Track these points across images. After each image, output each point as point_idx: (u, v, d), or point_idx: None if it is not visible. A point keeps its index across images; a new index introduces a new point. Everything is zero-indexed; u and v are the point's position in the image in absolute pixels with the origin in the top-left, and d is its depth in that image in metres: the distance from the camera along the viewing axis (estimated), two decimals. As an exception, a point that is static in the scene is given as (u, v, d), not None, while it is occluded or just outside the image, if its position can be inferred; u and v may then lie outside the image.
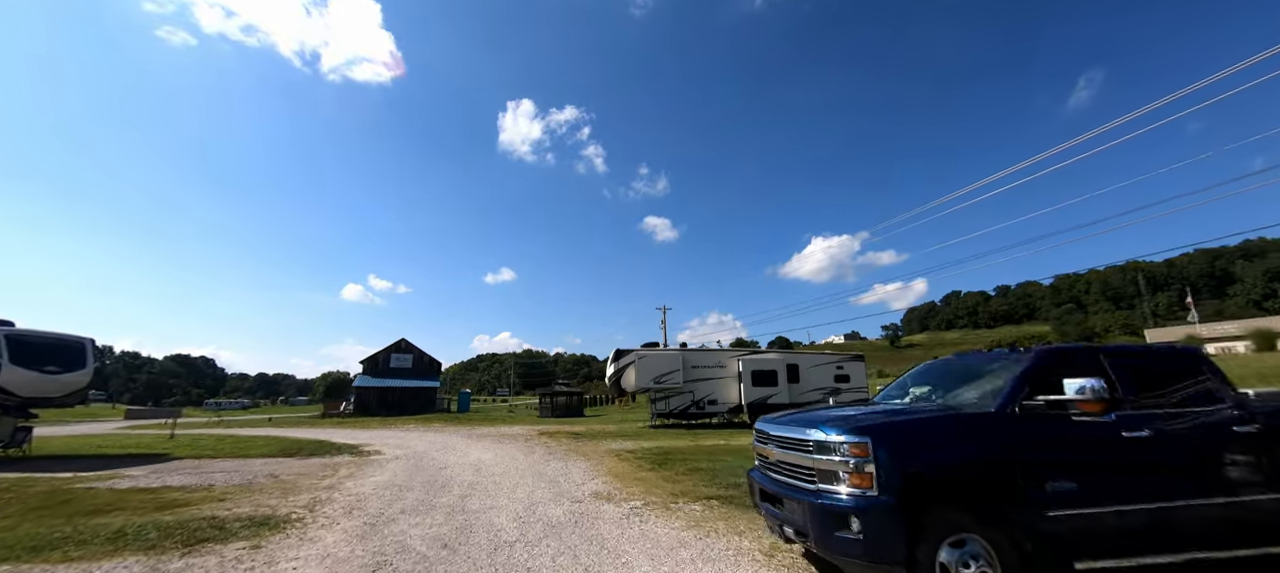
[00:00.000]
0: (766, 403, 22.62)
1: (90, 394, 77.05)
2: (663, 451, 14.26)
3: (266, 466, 12.50)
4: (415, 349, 46.23)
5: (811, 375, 23.47)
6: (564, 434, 20.43)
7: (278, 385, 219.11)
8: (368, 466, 12.31)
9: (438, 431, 24.18)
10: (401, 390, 41.72)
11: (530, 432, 22.53)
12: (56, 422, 39.17)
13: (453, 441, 18.71)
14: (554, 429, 23.49)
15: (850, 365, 23.90)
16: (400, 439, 19.57)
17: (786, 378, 22.95)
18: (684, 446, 15.74)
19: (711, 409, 23.07)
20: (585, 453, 14.10)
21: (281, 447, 16.45)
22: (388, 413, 39.77)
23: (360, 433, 23.32)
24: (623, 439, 18.22)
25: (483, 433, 22.07)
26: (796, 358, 23.74)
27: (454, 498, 8.14)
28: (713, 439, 17.42)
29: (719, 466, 10.99)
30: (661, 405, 22.86)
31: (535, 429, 24.06)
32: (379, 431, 24.94)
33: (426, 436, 21.23)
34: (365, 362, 45.04)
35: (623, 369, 22.94)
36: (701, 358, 23.42)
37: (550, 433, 21.42)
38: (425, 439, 19.41)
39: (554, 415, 40.93)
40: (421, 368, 45.33)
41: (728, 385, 23.25)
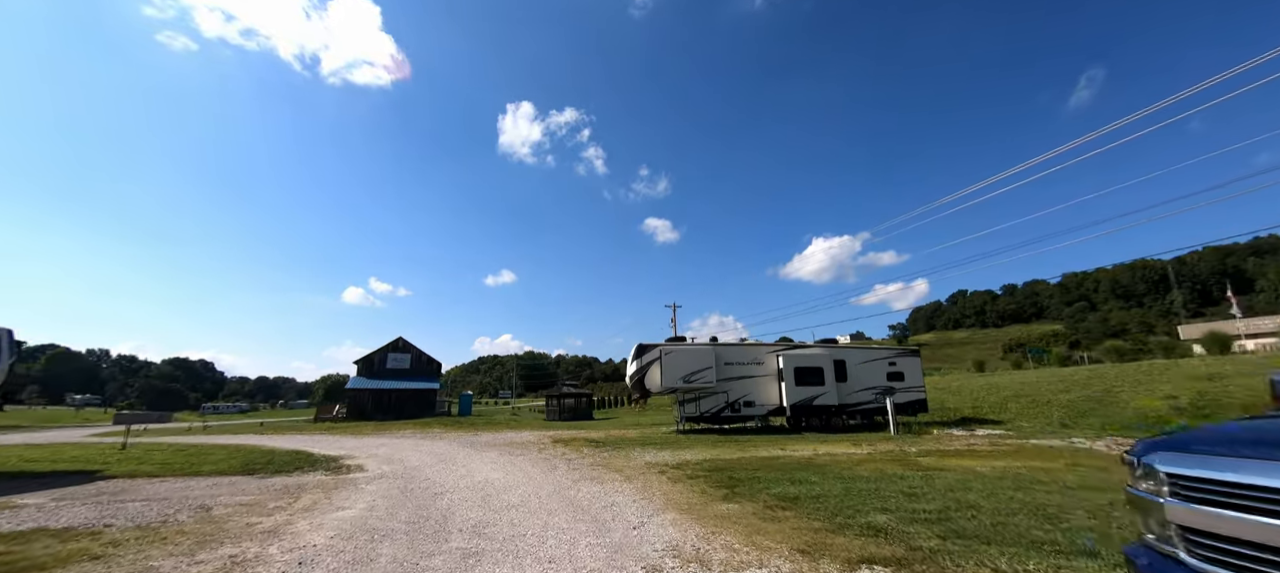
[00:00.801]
0: (812, 404, 19.63)
1: (80, 398, 73.60)
2: (715, 465, 11.28)
3: (210, 490, 9.51)
4: (413, 348, 43.03)
5: (861, 373, 20.49)
6: (582, 442, 17.44)
7: (278, 389, 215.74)
8: (340, 489, 9.31)
9: (436, 438, 21.16)
10: (398, 393, 38.57)
11: (542, 438, 19.53)
12: (12, 428, 36.09)
13: (453, 451, 15.71)
14: (568, 435, 20.48)
15: (905, 362, 20.92)
16: (391, 449, 16.57)
17: (834, 376, 19.97)
18: (734, 456, 12.76)
19: (748, 412, 20.09)
20: (620, 469, 11.11)
21: (245, 461, 13.45)
22: (384, 417, 36.73)
23: (347, 441, 20.30)
24: (654, 448, 15.24)
25: (488, 441, 19.07)
26: (843, 353, 20.76)
27: (453, 558, 5.16)
28: (763, 448, 14.44)
29: (815, 491, 8.01)
30: (691, 408, 19.88)
31: (546, 435, 21.06)
32: (370, 438, 21.92)
33: (422, 444, 18.22)
34: (360, 362, 41.77)
35: (646, 367, 19.95)
36: (736, 354, 20.44)
37: (565, 440, 18.42)
38: (421, 449, 16.41)
39: (562, 419, 37.95)
40: (420, 368, 42.19)
41: (766, 385, 20.26)
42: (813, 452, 13.31)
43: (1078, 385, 21.96)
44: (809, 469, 10.22)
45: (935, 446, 14.29)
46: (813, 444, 15.15)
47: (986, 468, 10.10)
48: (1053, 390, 22.13)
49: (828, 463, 11.11)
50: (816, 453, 13.01)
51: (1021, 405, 21.42)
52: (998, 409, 21.87)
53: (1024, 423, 18.89)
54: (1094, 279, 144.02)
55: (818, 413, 19.65)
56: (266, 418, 65.03)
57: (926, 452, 12.88)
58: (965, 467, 10.34)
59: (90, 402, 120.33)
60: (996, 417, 21.04)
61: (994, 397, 23.97)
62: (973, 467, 10.32)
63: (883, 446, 14.41)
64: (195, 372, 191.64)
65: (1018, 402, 22.00)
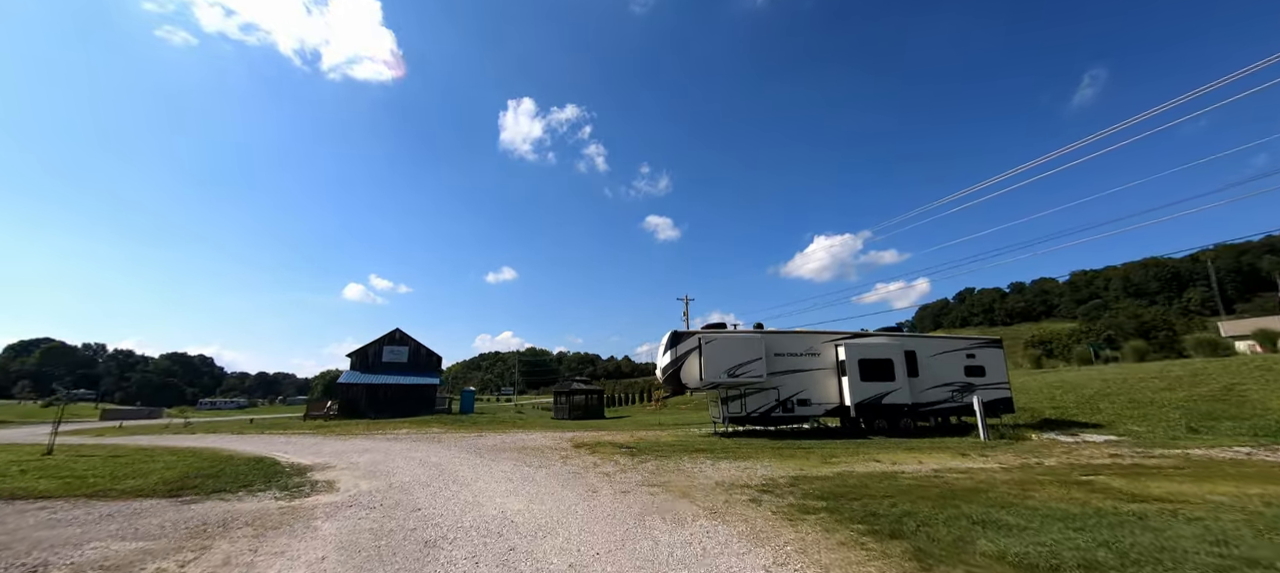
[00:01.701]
0: (881, 403, 16.40)
1: (75, 393, 69.84)
2: (821, 488, 8.06)
3: (87, 528, 6.29)
4: (411, 341, 39.50)
5: (934, 367, 17.25)
6: (610, 448, 14.22)
7: (278, 385, 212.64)
8: (283, 531, 6.08)
9: (434, 440, 17.92)
10: (395, 388, 35.22)
11: (559, 441, 16.30)
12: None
13: (455, 460, 12.47)
14: (589, 438, 17.26)
15: (985, 354, 17.69)
16: (379, 456, 13.33)
17: (906, 370, 16.73)
18: (827, 472, 9.56)
19: (802, 412, 16.85)
20: (688, 493, 7.90)
21: (183, 474, 10.23)
22: (378, 414, 33.50)
23: (330, 444, 17.06)
24: (706, 457, 12.04)
25: (496, 445, 15.83)
26: (914, 343, 17.49)
27: None
28: (851, 458, 11.21)
29: (1050, 545, 4.79)
30: (735, 407, 16.65)
31: (563, 437, 17.83)
32: (358, 439, 18.68)
33: (418, 449, 14.99)
34: (354, 355, 38.19)
35: (682, 358, 16.73)
36: (788, 343, 17.19)
37: (587, 444, 15.20)
38: (414, 457, 13.17)
39: (571, 417, 34.76)
40: (419, 363, 38.83)
41: (823, 380, 17.03)
42: (927, 466, 10.10)
43: (1182, 384, 18.79)
44: (975, 499, 7.01)
45: (1067, 457, 11.09)
46: (905, 453, 11.94)
47: (1225, 497, 6.90)
48: (1151, 389, 18.94)
49: (981, 488, 7.89)
50: (933, 469, 9.80)
51: (1115, 406, 18.22)
52: (1087, 410, 18.67)
53: (1135, 427, 15.69)
54: (1104, 277, 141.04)
55: (886, 414, 16.42)
56: (259, 414, 61.81)
57: (1074, 467, 9.67)
58: (1176, 493, 7.15)
59: (84, 397, 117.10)
60: (1086, 418, 17.86)
61: (1067, 397, 20.79)
62: (1195, 494, 7.13)
63: (1005, 457, 11.20)
64: (194, 367, 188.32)
65: (1108, 402, 18.81)
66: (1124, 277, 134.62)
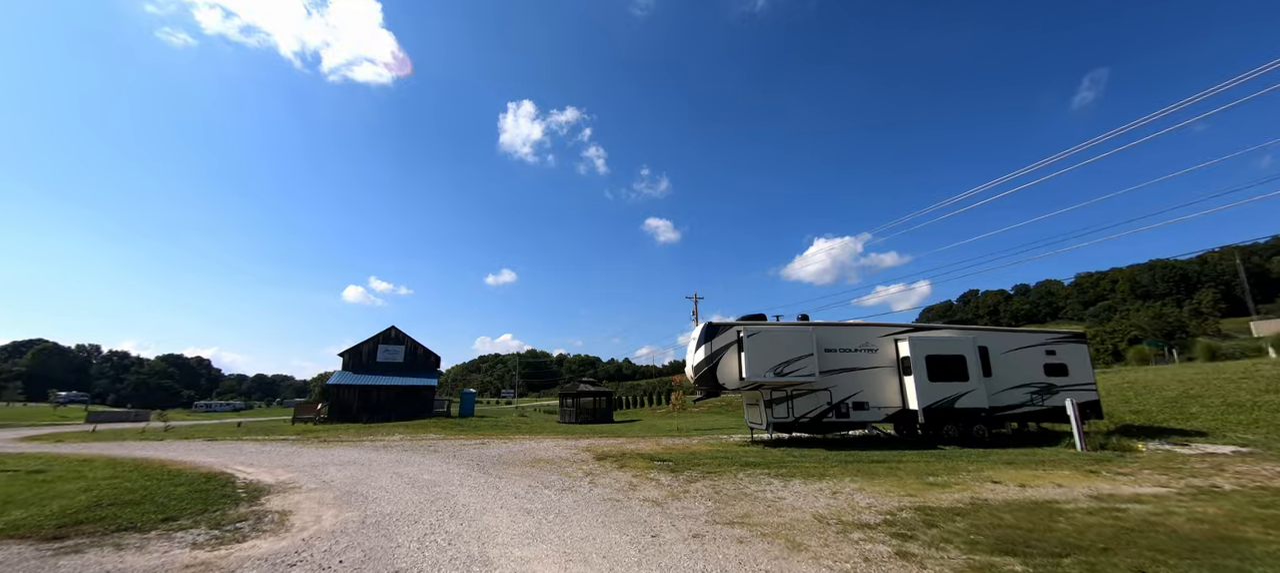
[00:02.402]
0: (953, 407, 13.94)
1: (64, 395, 66.50)
2: (957, 524, 5.60)
3: None
4: (408, 339, 36.80)
5: (1009, 364, 14.80)
6: (642, 462, 11.74)
7: (276, 387, 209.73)
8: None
9: (430, 448, 15.39)
10: (389, 390, 32.57)
11: (575, 451, 13.81)
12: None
13: (453, 477, 9.98)
14: (610, 448, 14.78)
15: (1068, 350, 15.22)
16: (359, 472, 10.84)
17: (980, 368, 14.28)
18: (946, 500, 7.12)
19: (858, 416, 14.39)
20: (790, 539, 5.42)
21: (102, 496, 7.75)
22: (371, 418, 30.96)
23: (307, 455, 14.54)
24: (766, 473, 9.60)
25: (502, 455, 13.32)
26: (986, 337, 15.06)
27: None
28: (951, 474, 8.76)
29: None
30: (781, 411, 14.18)
31: (578, 446, 15.35)
32: (342, 448, 16.15)
33: (409, 461, 12.48)
34: (346, 354, 35.37)
35: (719, 354, 14.28)
36: (841, 337, 14.74)
37: (611, 456, 12.73)
38: (404, 472, 10.68)
39: (578, 421, 32.28)
40: (416, 363, 36.20)
41: (883, 380, 14.58)
42: (1071, 490, 7.65)
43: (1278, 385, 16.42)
44: (1224, 552, 4.56)
45: (1234, 479, 8.65)
46: (1013, 469, 9.49)
47: None
48: (1246, 391, 16.56)
49: (1202, 535, 5.44)
50: (1087, 494, 7.34)
51: (1210, 410, 15.82)
52: (1177, 414, 16.26)
53: (1249, 434, 13.26)
54: (1110, 279, 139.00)
55: (958, 419, 13.97)
56: (252, 418, 59.24)
57: (1264, 492, 7.24)
58: None
59: (76, 399, 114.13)
60: (1180, 424, 15.45)
61: (1147, 399, 18.39)
62: None
63: (1156, 478, 8.75)
64: (190, 369, 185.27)
65: (1199, 405, 16.42)
66: (1130, 278, 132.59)
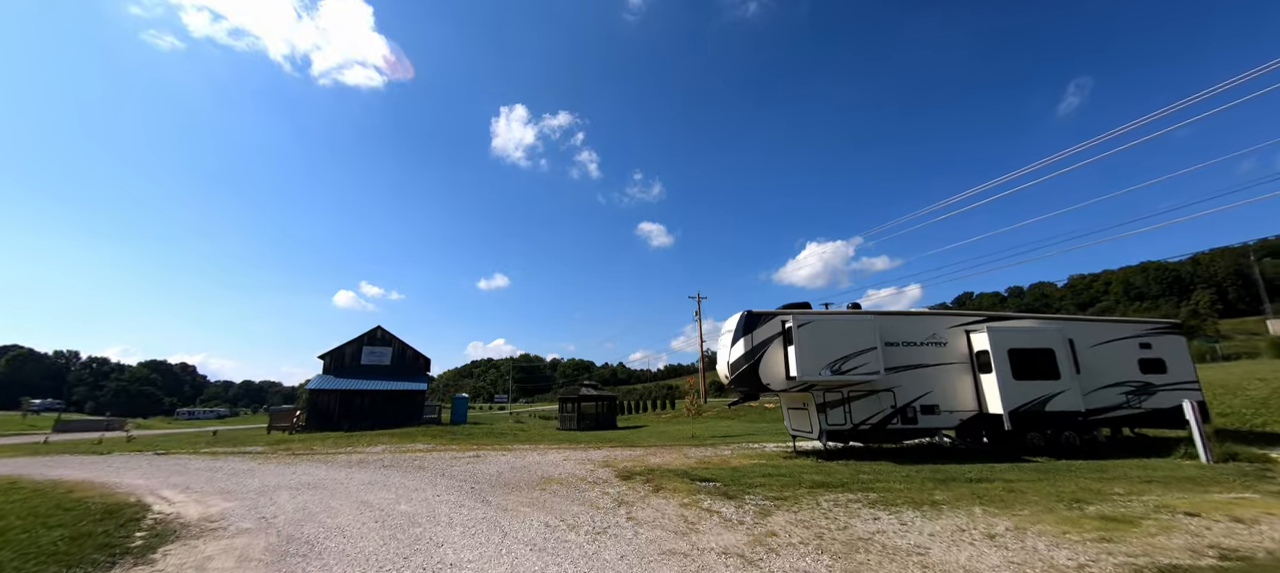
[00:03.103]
0: (1043, 411, 11.59)
1: (38, 403, 61.65)
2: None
3: None
4: (395, 340, 33.68)
5: (1098, 360, 12.50)
6: (681, 481, 9.23)
7: (263, 394, 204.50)
8: None
9: (414, 464, 12.73)
10: (374, 395, 29.65)
11: (591, 467, 11.24)
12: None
13: (442, 512, 7.41)
14: (631, 462, 12.25)
15: (1164, 343, 12.94)
16: (318, 501, 8.23)
17: (1072, 363, 11.95)
18: (1142, 545, 4.66)
19: (928, 422, 11.99)
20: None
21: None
22: (355, 425, 28.12)
23: (266, 472, 11.84)
24: (860, 499, 7.19)
25: (504, 473, 10.73)
26: (1071, 327, 12.75)
27: None
28: (1103, 501, 6.37)
29: None
30: (836, 415, 11.75)
31: (591, 459, 12.78)
32: (310, 463, 13.44)
33: (385, 484, 9.86)
34: (327, 356, 31.89)
35: (762, 348, 11.85)
36: (906, 328, 12.36)
37: (638, 474, 10.22)
38: (376, 500, 8.08)
39: (580, 428, 29.70)
40: (404, 366, 33.31)
41: (954, 378, 12.21)
42: None
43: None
44: None
45: None
46: (1169, 493, 7.13)
47: None
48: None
49: None
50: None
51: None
52: (1271, 416, 14.09)
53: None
54: (1102, 281, 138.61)
55: (1047, 424, 11.61)
56: (228, 426, 55.85)
57: None
58: None
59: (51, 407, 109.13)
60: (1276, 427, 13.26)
61: (1229, 400, 16.25)
62: None
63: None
64: (174, 376, 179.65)
65: (1299, 406, 14.30)
66: (1124, 280, 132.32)
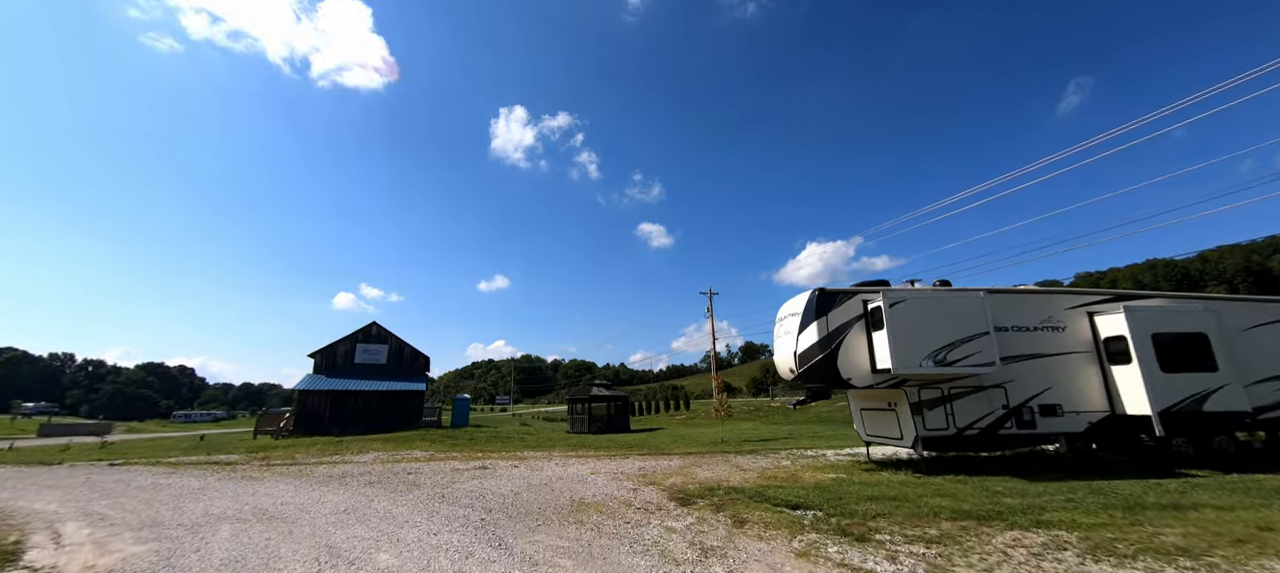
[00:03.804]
0: (1201, 410, 9.14)
1: (31, 406, 58.23)
2: None
3: None
4: (392, 338, 30.94)
5: (1253, 349, 10.09)
6: (761, 509, 6.77)
7: (262, 396, 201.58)
8: None
9: (407, 478, 10.22)
10: (368, 396, 27.02)
11: (634, 486, 8.74)
12: None
13: (432, 566, 4.93)
14: (683, 478, 9.77)
15: (1330, 325, 10.58)
16: (260, 544, 5.74)
17: (1228, 352, 9.53)
18: None
19: (1048, 425, 9.55)
20: None
21: None
22: (347, 429, 25.63)
23: (213, 494, 9.32)
24: (1051, 544, 4.69)
25: (517, 492, 8.23)
26: (1217, 306, 10.31)
27: None
28: None
29: None
30: (935, 417, 9.31)
31: (626, 473, 10.29)
32: (276, 482, 10.92)
33: (361, 514, 7.37)
34: (318, 354, 28.96)
35: (841, 334, 9.42)
36: (1017, 309, 9.93)
37: (698, 495, 7.76)
38: (340, 552, 5.59)
39: (591, 430, 27.21)
40: (401, 365, 30.71)
41: (1077, 372, 9.77)
42: None
43: None
44: None
45: None
46: None
47: None
48: None
49: None
50: None
51: None
52: None
53: None
54: (1109, 278, 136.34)
55: (1205, 428, 9.17)
56: (219, 429, 53.26)
57: None
58: None
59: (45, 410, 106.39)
60: None
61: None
62: None
63: None
64: (172, 378, 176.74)
65: None
66: (1131, 277, 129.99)
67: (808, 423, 27.48)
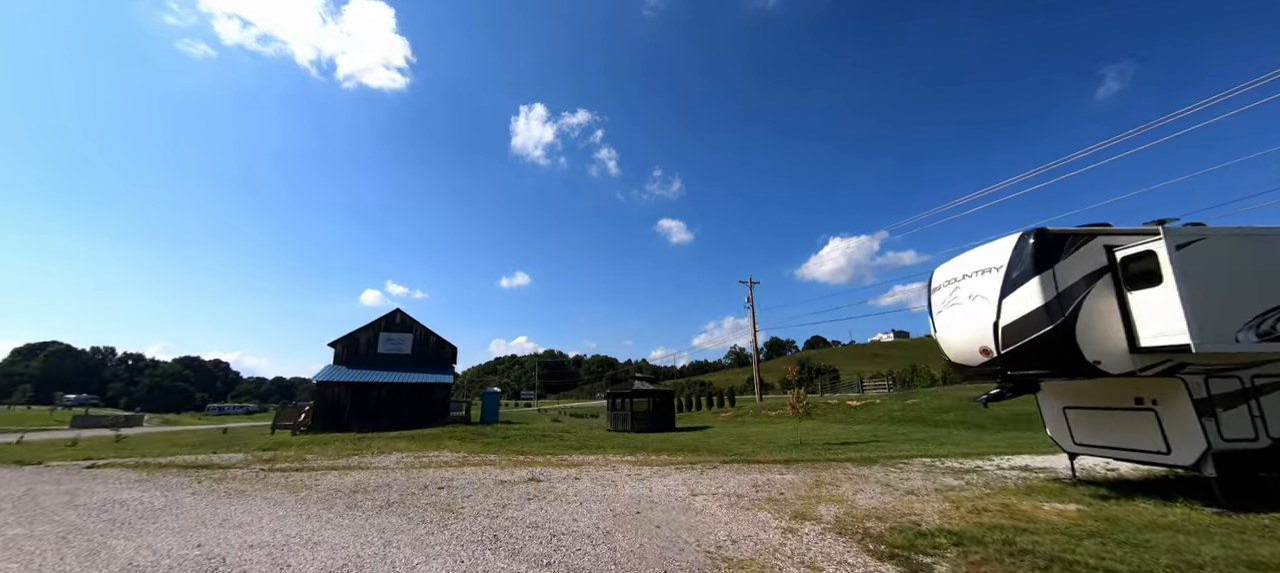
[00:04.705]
0: None
1: (72, 398, 57.57)
2: None
3: None
4: (416, 326, 28.44)
5: None
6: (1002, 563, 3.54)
7: (293, 390, 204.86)
8: None
9: (437, 501, 7.31)
10: (392, 389, 24.60)
11: (782, 523, 5.54)
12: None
13: None
14: (825, 501, 6.59)
15: None
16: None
17: None
18: None
19: None
20: None
21: None
22: (368, 424, 23.19)
23: (168, 511, 6.50)
24: None
25: (601, 525, 5.19)
26: None
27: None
28: None
29: None
30: (1236, 420, 6.04)
31: (738, 493, 7.15)
32: (260, 499, 8.13)
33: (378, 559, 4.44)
34: (338, 343, 26.63)
35: (1076, 295, 6.20)
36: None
37: (890, 540, 4.59)
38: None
39: (634, 429, 24.27)
40: (427, 355, 28.21)
41: None
42: None
43: None
44: None
45: None
46: None
47: None
48: None
49: None
50: None
51: None
52: None
53: None
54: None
55: None
56: (245, 422, 52.15)
57: None
58: None
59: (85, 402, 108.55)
60: None
61: None
62: None
63: None
64: (207, 372, 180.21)
65: None
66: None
67: (877, 423, 24.05)
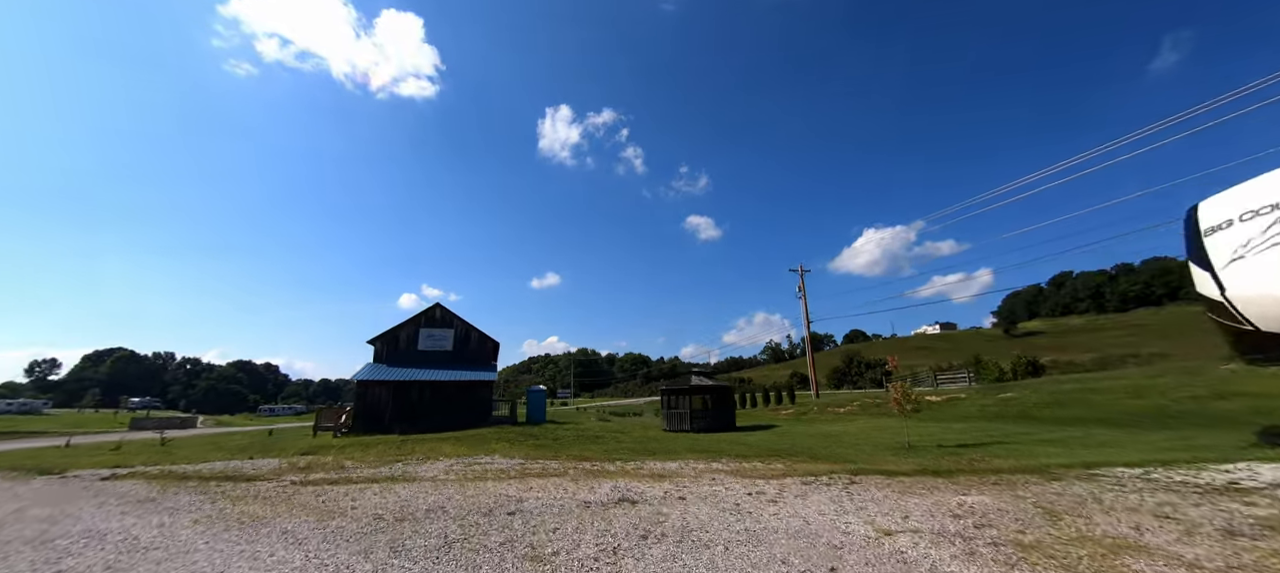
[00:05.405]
0: None
1: (136, 401, 59.29)
2: None
3: None
4: (457, 321, 26.87)
5: None
6: None
7: (338, 391, 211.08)
8: None
9: (510, 536, 5.37)
10: (435, 387, 23.18)
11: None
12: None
13: None
14: (1006, 525, 4.29)
15: None
16: None
17: None
18: None
19: None
20: None
21: None
22: (411, 426, 21.82)
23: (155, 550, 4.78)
24: None
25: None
26: None
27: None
28: None
29: None
30: None
31: (895, 511, 4.91)
32: (273, 535, 6.40)
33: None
34: (378, 341, 25.38)
35: None
36: None
37: None
38: None
39: (693, 428, 22.16)
40: (468, 352, 26.78)
41: None
42: None
43: None
44: None
45: None
46: None
47: None
48: None
49: None
50: None
51: None
52: None
53: None
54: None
55: None
56: (292, 424, 52.52)
57: None
58: None
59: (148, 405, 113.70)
60: None
61: None
62: None
63: None
64: (258, 375, 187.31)
65: None
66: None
67: (972, 420, 21.15)
